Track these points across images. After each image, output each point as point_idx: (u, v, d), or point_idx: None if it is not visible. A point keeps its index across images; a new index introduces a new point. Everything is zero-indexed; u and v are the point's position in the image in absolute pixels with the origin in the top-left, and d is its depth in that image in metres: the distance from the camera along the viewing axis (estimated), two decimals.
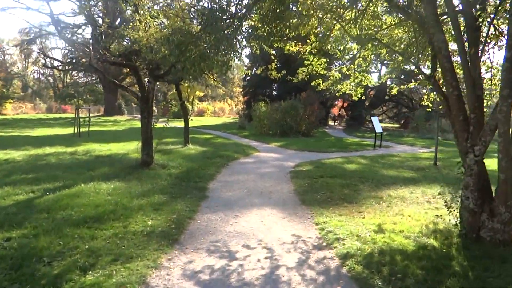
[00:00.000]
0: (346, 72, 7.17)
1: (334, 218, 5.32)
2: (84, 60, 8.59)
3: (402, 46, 6.33)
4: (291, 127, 20.56)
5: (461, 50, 4.42)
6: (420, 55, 5.78)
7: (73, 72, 45.11)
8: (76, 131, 17.23)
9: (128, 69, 8.50)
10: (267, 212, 5.71)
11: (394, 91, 8.42)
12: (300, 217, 5.47)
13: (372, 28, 6.08)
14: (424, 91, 37.60)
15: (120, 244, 4.05)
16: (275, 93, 36.11)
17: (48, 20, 39.74)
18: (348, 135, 25.40)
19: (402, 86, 8.16)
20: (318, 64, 7.04)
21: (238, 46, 5.31)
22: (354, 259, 3.83)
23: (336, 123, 42.11)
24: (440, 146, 19.22)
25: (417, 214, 5.60)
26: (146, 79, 9.16)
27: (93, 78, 42.31)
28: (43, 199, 5.76)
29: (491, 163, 5.68)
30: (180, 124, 33.35)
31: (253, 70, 37.58)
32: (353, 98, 7.41)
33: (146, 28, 6.97)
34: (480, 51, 4.69)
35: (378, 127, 17.04)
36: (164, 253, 3.93)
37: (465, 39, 4.53)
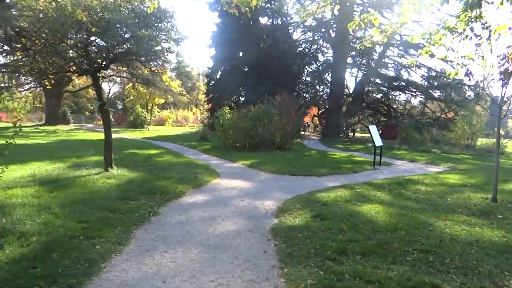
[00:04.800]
0: None
1: None
2: None
3: None
4: (264, 138, 16.10)
5: None
6: None
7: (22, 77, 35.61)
8: None
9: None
10: None
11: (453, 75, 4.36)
12: None
13: None
14: (403, 97, 34.73)
15: None
16: (243, 99, 31.71)
17: None
18: (329, 148, 21.31)
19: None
20: None
21: None
22: None
23: (308, 133, 38.31)
24: (442, 162, 14.75)
25: None
26: None
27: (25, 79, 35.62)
28: None
29: None
30: (133, 135, 27.85)
31: (218, 74, 33.05)
32: (452, 75, 3.20)
33: None
34: None
35: (378, 139, 12.94)
36: None
37: None
